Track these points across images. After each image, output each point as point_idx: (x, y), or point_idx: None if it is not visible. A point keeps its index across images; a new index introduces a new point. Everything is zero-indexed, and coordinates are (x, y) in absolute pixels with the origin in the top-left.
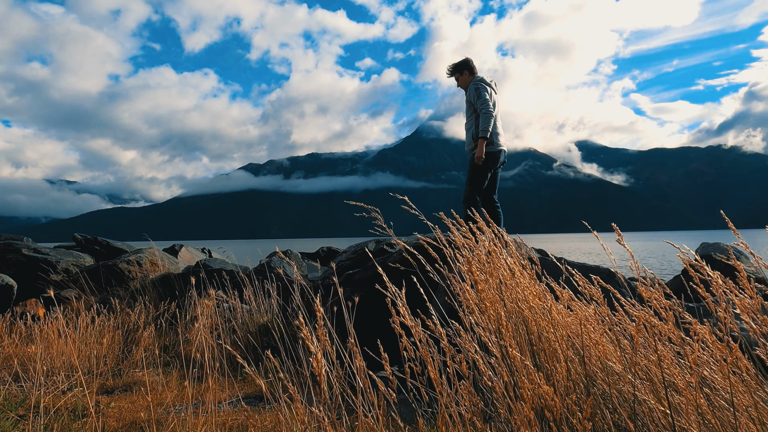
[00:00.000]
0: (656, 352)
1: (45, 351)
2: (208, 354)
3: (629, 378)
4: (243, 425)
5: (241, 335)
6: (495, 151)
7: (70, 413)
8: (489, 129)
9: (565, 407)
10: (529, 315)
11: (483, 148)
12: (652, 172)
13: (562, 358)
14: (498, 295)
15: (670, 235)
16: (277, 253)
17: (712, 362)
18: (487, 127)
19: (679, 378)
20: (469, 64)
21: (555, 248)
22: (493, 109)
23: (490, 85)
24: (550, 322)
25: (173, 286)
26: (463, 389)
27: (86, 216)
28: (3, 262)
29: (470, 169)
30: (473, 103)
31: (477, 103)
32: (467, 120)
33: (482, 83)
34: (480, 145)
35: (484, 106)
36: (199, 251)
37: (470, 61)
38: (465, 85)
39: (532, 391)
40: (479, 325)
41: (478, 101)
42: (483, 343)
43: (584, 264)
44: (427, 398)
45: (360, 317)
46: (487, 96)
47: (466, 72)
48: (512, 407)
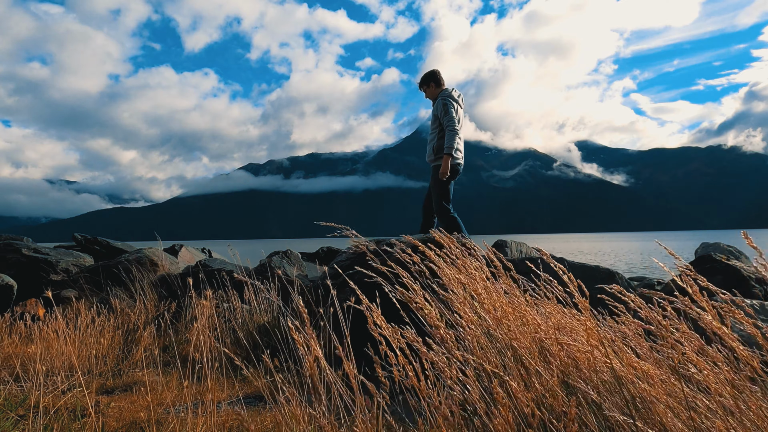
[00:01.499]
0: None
1: (45, 351)
2: (207, 354)
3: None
4: (243, 425)
5: (242, 335)
6: (455, 163)
7: (70, 413)
8: (454, 146)
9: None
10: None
11: (448, 164)
12: (652, 172)
13: (532, 365)
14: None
15: (670, 235)
16: (277, 253)
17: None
18: (452, 144)
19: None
20: (436, 76)
21: (555, 248)
22: (458, 125)
23: (457, 101)
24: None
25: (173, 286)
26: (444, 395)
27: (86, 216)
28: (3, 262)
29: (436, 183)
30: (439, 117)
31: (443, 118)
32: (431, 131)
33: (450, 98)
34: (445, 161)
35: (450, 123)
36: (199, 251)
37: (438, 73)
38: (433, 97)
39: (507, 398)
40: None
41: (445, 117)
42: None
43: (584, 264)
44: (416, 402)
45: (357, 319)
46: (454, 113)
47: (433, 84)
48: (489, 413)
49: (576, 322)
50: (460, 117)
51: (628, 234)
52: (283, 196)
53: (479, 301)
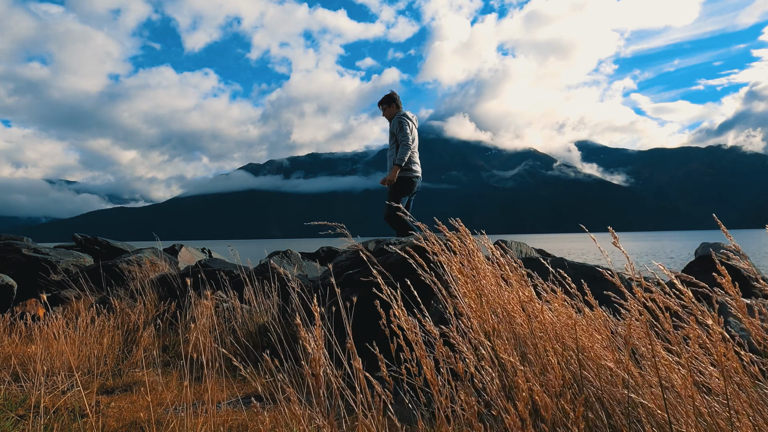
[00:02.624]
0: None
1: (45, 351)
2: (207, 354)
3: (623, 377)
4: (243, 425)
5: (241, 335)
6: (411, 176)
7: (70, 413)
8: (405, 159)
9: (559, 408)
10: (516, 317)
11: (396, 173)
12: (652, 172)
13: (554, 360)
14: (482, 299)
15: (670, 235)
16: (277, 253)
17: (706, 361)
18: (403, 157)
19: (675, 375)
20: (395, 98)
21: (555, 248)
22: (412, 142)
23: (411, 120)
24: (541, 322)
25: (173, 286)
26: (460, 389)
27: (86, 216)
28: (3, 262)
29: (389, 192)
30: (395, 134)
31: (399, 135)
32: (390, 148)
33: (405, 118)
34: (393, 171)
35: (405, 138)
36: (199, 251)
37: (396, 95)
38: (390, 116)
39: (526, 392)
40: (470, 325)
41: (400, 133)
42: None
43: (584, 264)
44: (424, 399)
45: (359, 317)
46: (408, 130)
47: (394, 105)
48: (507, 407)
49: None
50: (414, 136)
51: (628, 234)
52: (283, 196)
53: (488, 294)
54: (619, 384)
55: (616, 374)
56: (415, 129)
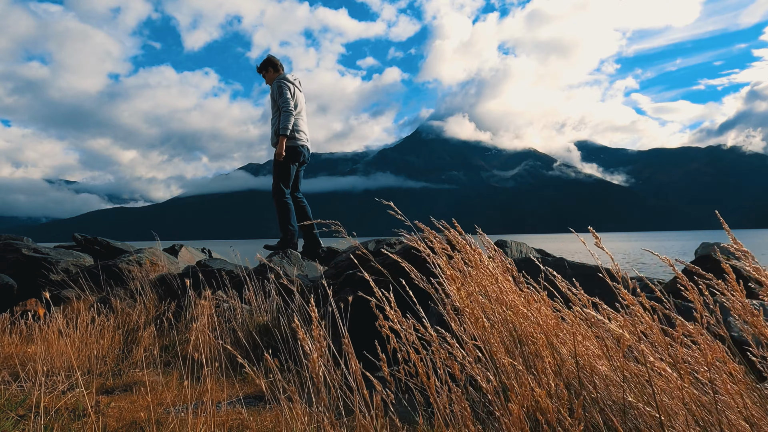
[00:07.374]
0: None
1: (45, 351)
2: (207, 354)
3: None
4: (243, 425)
5: (241, 335)
6: (296, 146)
7: (70, 413)
8: (289, 127)
9: (556, 410)
10: (513, 318)
11: (283, 144)
12: (653, 172)
13: (549, 362)
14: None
15: (670, 235)
16: (277, 253)
17: (701, 361)
18: (287, 124)
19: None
20: (273, 61)
21: (555, 248)
22: (294, 108)
23: (293, 83)
24: (537, 323)
25: (173, 286)
26: (456, 392)
27: (86, 216)
28: (3, 262)
29: (275, 165)
30: (276, 100)
31: (279, 100)
32: (272, 116)
33: (284, 81)
34: (280, 142)
35: (285, 104)
36: (199, 251)
37: (274, 58)
38: (270, 81)
39: (522, 395)
40: (463, 326)
41: (280, 99)
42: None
43: (584, 264)
44: (422, 399)
45: (359, 317)
46: (288, 95)
47: (271, 69)
48: (503, 409)
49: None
50: (298, 100)
51: (629, 234)
52: None
53: (490, 292)
54: (603, 384)
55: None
56: (298, 92)
